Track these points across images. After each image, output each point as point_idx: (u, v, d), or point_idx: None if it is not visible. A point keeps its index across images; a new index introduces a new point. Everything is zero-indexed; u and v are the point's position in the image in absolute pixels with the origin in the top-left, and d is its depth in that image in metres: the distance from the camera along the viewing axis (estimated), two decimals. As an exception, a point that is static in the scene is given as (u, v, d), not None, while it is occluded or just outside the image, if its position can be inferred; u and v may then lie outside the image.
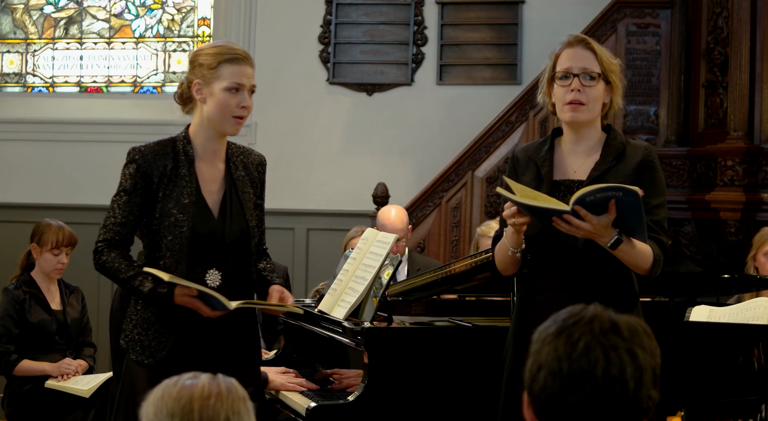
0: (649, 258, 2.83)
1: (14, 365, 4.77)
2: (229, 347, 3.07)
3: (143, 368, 3.06)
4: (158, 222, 3.04)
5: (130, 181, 3.05)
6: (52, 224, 4.92)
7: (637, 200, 2.70)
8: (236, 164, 3.14)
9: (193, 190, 3.05)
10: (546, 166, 2.97)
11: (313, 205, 6.67)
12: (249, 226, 3.09)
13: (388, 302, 3.48)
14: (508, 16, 6.65)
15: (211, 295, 2.93)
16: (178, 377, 1.70)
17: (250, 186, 3.14)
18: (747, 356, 3.69)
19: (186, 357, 3.01)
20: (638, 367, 1.53)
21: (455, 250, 6.05)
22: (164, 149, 3.09)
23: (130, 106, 7.08)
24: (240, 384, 1.70)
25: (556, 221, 2.73)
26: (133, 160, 3.06)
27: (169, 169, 3.05)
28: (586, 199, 2.69)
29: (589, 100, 2.93)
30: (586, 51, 2.96)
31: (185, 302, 2.96)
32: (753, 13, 5.35)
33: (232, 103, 3.04)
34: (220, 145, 3.13)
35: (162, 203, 3.04)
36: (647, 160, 2.93)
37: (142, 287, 3.00)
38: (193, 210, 3.03)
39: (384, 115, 6.73)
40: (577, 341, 1.54)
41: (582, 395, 1.52)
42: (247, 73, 3.07)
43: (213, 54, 3.07)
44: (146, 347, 3.05)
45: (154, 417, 1.65)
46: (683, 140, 5.75)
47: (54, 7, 7.30)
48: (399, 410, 3.28)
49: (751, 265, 4.67)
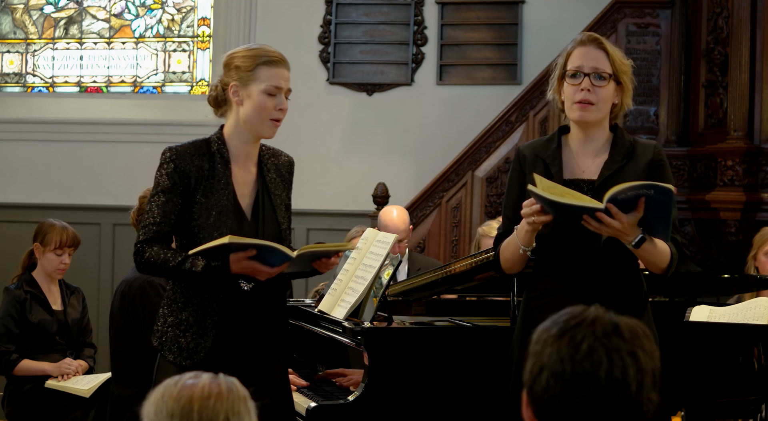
0: (667, 257, 2.85)
1: (14, 365, 4.77)
2: (263, 345, 3.07)
3: (180, 369, 3.05)
4: (197, 224, 3.00)
5: (168, 181, 3.00)
6: (55, 224, 4.91)
7: (668, 198, 2.69)
8: (268, 167, 3.13)
9: (230, 193, 3.03)
10: (556, 165, 2.95)
11: (313, 205, 6.67)
12: (281, 228, 3.08)
13: (388, 302, 3.48)
14: (508, 16, 6.66)
15: (270, 247, 2.87)
16: (180, 377, 1.70)
17: (282, 188, 3.14)
18: (747, 356, 3.69)
19: (223, 357, 3.01)
20: (640, 369, 1.54)
21: (455, 250, 6.05)
22: (200, 150, 3.05)
23: (130, 106, 7.09)
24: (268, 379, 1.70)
25: (587, 219, 2.70)
26: (171, 160, 3.01)
27: (206, 171, 3.02)
28: (618, 198, 2.67)
29: (598, 100, 2.92)
30: (599, 50, 2.95)
31: (243, 268, 2.90)
32: (753, 13, 5.35)
33: (270, 106, 3.03)
34: (254, 148, 3.11)
35: (200, 205, 3.01)
36: (657, 158, 2.93)
37: (195, 268, 2.93)
38: (230, 213, 3.02)
39: (384, 115, 6.73)
40: (580, 343, 1.54)
41: (585, 397, 1.52)
42: (284, 76, 3.06)
43: (250, 56, 3.05)
44: (184, 349, 3.03)
45: (154, 417, 1.65)
46: (683, 140, 5.75)
47: (54, 7, 7.30)
48: (399, 411, 3.28)
49: (751, 265, 4.66)
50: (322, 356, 3.84)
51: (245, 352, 3.04)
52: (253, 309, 3.05)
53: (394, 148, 6.72)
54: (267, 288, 3.05)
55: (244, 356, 3.03)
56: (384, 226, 5.05)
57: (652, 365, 1.55)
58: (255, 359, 3.02)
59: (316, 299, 3.90)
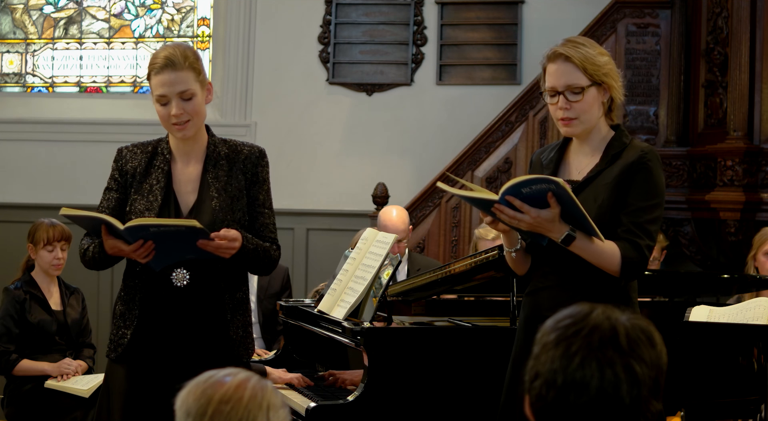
0: (614, 258, 2.78)
1: (14, 365, 4.78)
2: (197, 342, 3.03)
3: (110, 362, 3.09)
4: (128, 219, 3.02)
5: (111, 179, 3.13)
6: (43, 222, 4.97)
7: (563, 192, 2.67)
8: (217, 164, 3.09)
9: (162, 189, 3.04)
10: (549, 168, 2.97)
11: (312, 205, 6.67)
12: (216, 222, 2.98)
13: (388, 302, 3.48)
14: (508, 16, 6.65)
15: (100, 219, 2.90)
16: (215, 373, 1.66)
17: (227, 182, 3.06)
18: (747, 356, 3.69)
19: (149, 351, 3.02)
20: (635, 383, 1.52)
21: (455, 250, 6.05)
22: (145, 148, 3.12)
23: (129, 106, 7.08)
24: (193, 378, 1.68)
25: (498, 212, 2.74)
26: (115, 160, 3.13)
27: (142, 168, 3.08)
28: (522, 191, 2.69)
29: (578, 113, 2.89)
30: (567, 64, 2.88)
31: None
32: (753, 13, 5.34)
33: (164, 114, 3.04)
34: (193, 146, 3.10)
35: (132, 201, 3.06)
36: (640, 161, 2.85)
37: (92, 253, 3.04)
38: (158, 209, 3.02)
39: (384, 115, 6.73)
40: (573, 355, 1.53)
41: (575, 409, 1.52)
42: (169, 81, 3.00)
43: (148, 65, 3.09)
44: (112, 341, 3.09)
45: (178, 409, 1.64)
46: (683, 140, 5.75)
47: (54, 7, 7.30)
48: (399, 410, 3.28)
49: (751, 265, 4.67)
50: (322, 356, 3.84)
51: (167, 349, 3.01)
52: (183, 306, 3.01)
53: (393, 148, 6.72)
54: (204, 286, 3.02)
55: (166, 353, 3.00)
56: (383, 226, 5.05)
57: (652, 373, 1.53)
58: (180, 357, 2.97)
59: (315, 299, 3.90)
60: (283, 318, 4.06)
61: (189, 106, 3.01)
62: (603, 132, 2.97)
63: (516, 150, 6.01)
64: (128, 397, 3.02)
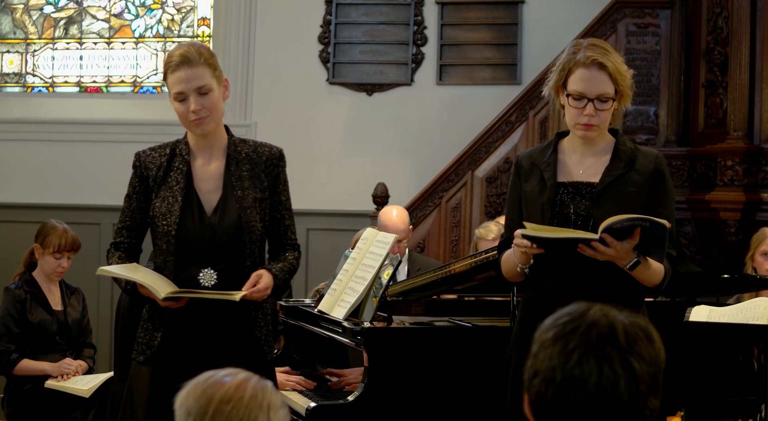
0: (660, 275, 2.89)
1: (14, 365, 4.77)
2: (224, 343, 3.05)
3: (137, 364, 3.08)
4: (152, 223, 3.08)
5: (130, 185, 3.14)
6: (57, 227, 4.90)
7: (662, 231, 2.75)
8: (239, 161, 3.10)
9: (182, 189, 3.04)
10: (549, 171, 2.97)
11: (312, 205, 6.67)
12: (243, 221, 3.02)
13: (388, 302, 3.48)
14: (508, 16, 6.65)
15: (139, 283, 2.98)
16: (215, 373, 1.66)
17: (250, 182, 3.08)
18: (747, 356, 3.69)
19: (177, 353, 3.03)
20: (633, 379, 1.52)
21: (455, 250, 6.05)
22: (162, 150, 3.13)
23: (129, 106, 7.08)
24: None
25: (582, 248, 2.78)
26: (134, 166, 3.14)
27: (162, 170, 3.08)
28: (613, 228, 2.74)
29: (602, 121, 2.94)
30: (601, 73, 2.90)
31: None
32: (753, 13, 5.34)
33: (182, 111, 3.05)
34: (210, 143, 3.11)
35: (153, 205, 3.07)
36: (659, 169, 2.95)
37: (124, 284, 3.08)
38: (180, 209, 3.02)
39: (384, 115, 6.73)
40: (571, 352, 1.53)
41: (575, 405, 1.52)
42: (185, 78, 3.02)
43: (163, 64, 3.12)
44: (140, 344, 3.10)
45: (178, 409, 1.64)
46: (683, 140, 5.75)
47: (54, 7, 7.30)
48: (399, 410, 3.28)
49: (749, 265, 4.67)
50: (322, 356, 3.84)
51: (201, 349, 3.02)
52: (210, 308, 3.02)
53: (394, 148, 6.71)
54: (230, 287, 3.03)
55: (201, 353, 3.00)
56: (383, 226, 5.04)
57: (651, 370, 1.53)
58: (207, 357, 2.96)
59: (315, 299, 3.90)
60: (283, 318, 4.06)
61: (207, 102, 3.03)
62: (606, 135, 3.02)
63: (516, 150, 6.01)
64: (153, 398, 3.02)
